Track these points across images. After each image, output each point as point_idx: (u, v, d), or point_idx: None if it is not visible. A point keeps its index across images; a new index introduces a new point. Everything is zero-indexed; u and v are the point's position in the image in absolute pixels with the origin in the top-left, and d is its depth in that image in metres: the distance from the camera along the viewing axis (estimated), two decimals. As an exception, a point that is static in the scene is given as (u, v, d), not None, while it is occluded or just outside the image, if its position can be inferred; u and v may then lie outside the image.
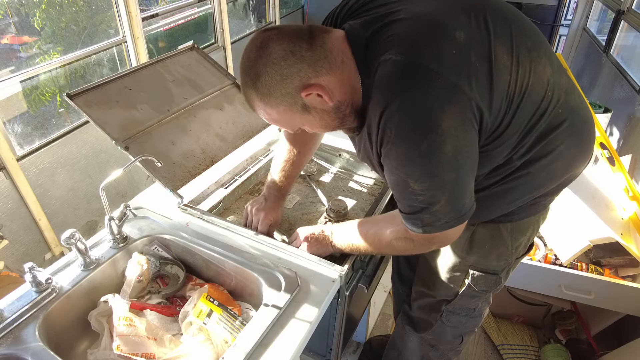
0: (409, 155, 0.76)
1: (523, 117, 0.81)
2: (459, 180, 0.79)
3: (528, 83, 0.80)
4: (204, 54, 1.59)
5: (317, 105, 0.82)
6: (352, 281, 1.11)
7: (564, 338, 1.90)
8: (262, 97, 0.81)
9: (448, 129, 0.73)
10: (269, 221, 1.17)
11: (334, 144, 1.56)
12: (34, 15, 2.11)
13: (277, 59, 0.77)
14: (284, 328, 0.89)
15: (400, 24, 0.79)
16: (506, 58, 0.78)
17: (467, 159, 0.79)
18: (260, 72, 0.78)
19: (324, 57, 0.78)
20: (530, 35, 0.84)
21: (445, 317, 1.20)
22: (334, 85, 0.80)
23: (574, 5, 4.30)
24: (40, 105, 2.17)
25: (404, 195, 0.83)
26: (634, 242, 1.58)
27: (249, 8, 3.99)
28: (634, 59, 2.70)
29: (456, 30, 0.76)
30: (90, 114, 1.21)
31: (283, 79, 0.78)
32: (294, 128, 0.91)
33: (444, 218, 0.82)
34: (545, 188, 0.94)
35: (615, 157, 1.79)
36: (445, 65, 0.74)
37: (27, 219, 2.00)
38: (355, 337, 1.81)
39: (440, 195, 0.79)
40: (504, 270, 1.08)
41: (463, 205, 0.82)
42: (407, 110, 0.73)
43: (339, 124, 0.88)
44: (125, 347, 0.88)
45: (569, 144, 0.88)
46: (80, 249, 0.98)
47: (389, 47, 0.77)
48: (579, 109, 0.90)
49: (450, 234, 0.87)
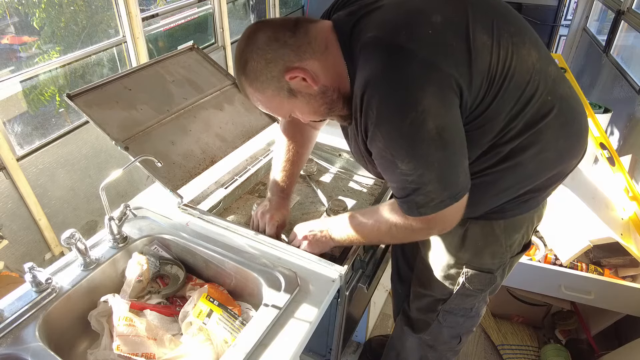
0: (392, 136, 0.77)
1: (507, 99, 0.81)
2: (448, 159, 0.79)
3: (510, 64, 0.80)
4: (204, 54, 1.59)
5: (303, 90, 0.85)
6: (352, 281, 1.11)
7: (564, 338, 1.90)
8: (251, 82, 0.86)
9: (429, 106, 0.73)
10: (276, 222, 1.16)
11: (334, 144, 1.56)
12: (34, 15, 2.11)
13: (262, 44, 0.82)
14: (283, 328, 0.89)
15: (382, 10, 0.82)
16: (486, 38, 0.79)
17: (455, 137, 0.79)
18: (248, 58, 0.83)
19: (306, 43, 0.82)
20: (512, 22, 0.84)
21: (441, 317, 1.20)
22: (318, 70, 0.83)
23: (574, 5, 4.30)
24: (40, 105, 2.17)
25: (394, 178, 0.83)
26: (634, 242, 1.58)
27: (249, 8, 3.99)
28: (634, 59, 2.70)
29: (433, 13, 0.78)
30: (90, 114, 1.21)
31: (267, 63, 0.82)
32: (285, 114, 0.93)
33: (438, 197, 0.81)
34: (535, 179, 0.93)
35: (615, 157, 1.79)
36: (422, 44, 0.75)
37: (27, 219, 2.00)
38: (355, 337, 1.81)
39: (429, 174, 0.79)
40: (499, 268, 1.07)
41: (456, 184, 0.82)
42: (386, 90, 0.75)
43: (327, 109, 0.89)
44: (125, 347, 0.88)
45: (559, 134, 0.88)
46: (80, 249, 0.98)
47: (370, 30, 0.80)
48: (569, 98, 0.89)
49: (449, 215, 0.86)
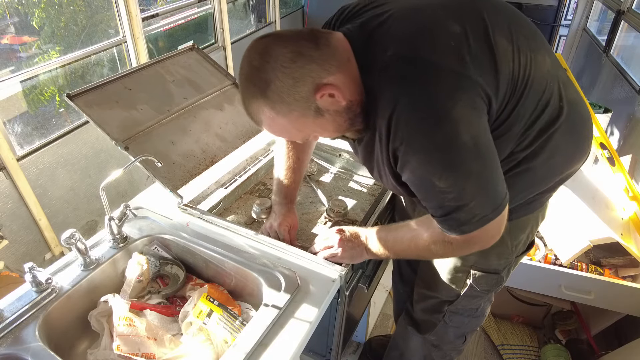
0: (427, 151, 0.73)
1: (527, 106, 0.79)
2: (487, 168, 0.75)
3: (530, 71, 0.78)
4: (204, 54, 1.59)
5: (330, 107, 0.78)
6: (352, 281, 1.11)
7: (564, 338, 1.90)
8: (274, 105, 0.76)
9: (460, 116, 0.70)
10: (287, 226, 1.14)
11: (334, 144, 1.56)
12: (33, 14, 2.11)
13: (286, 61, 0.72)
14: (283, 328, 0.89)
15: (396, 22, 0.79)
16: (506, 44, 0.77)
17: (489, 146, 0.75)
18: (270, 78, 0.73)
19: (331, 55, 0.75)
20: (525, 26, 0.83)
21: (448, 318, 1.20)
22: (344, 84, 0.77)
23: (574, 5, 4.30)
24: (39, 105, 2.17)
25: (431, 197, 0.79)
26: (634, 242, 1.58)
27: (249, 8, 3.99)
28: (634, 59, 2.70)
29: (451, 23, 0.75)
30: (91, 115, 1.21)
31: (296, 82, 0.73)
32: (305, 136, 0.86)
33: (481, 212, 0.77)
34: (544, 184, 0.93)
35: (615, 157, 1.79)
36: (446, 56, 0.72)
37: (27, 219, 2.00)
38: (355, 337, 1.81)
39: (469, 187, 0.74)
40: (505, 269, 1.08)
41: (497, 193, 0.77)
42: (415, 105, 0.71)
43: (349, 125, 0.83)
44: (125, 347, 0.88)
45: (568, 139, 0.88)
46: (80, 249, 0.98)
47: (388, 46, 0.76)
48: (577, 103, 0.89)
49: (491, 230, 0.81)
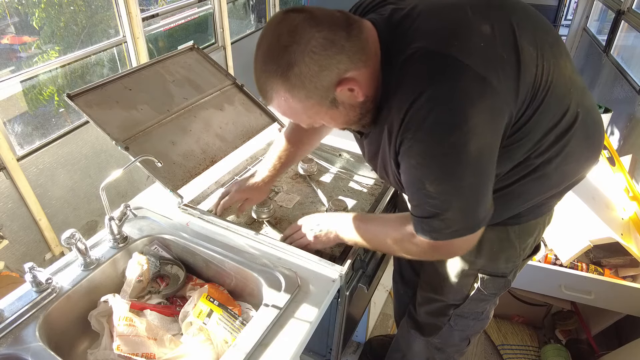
0: (431, 152, 0.72)
1: (547, 113, 0.78)
2: (478, 187, 0.75)
3: (552, 77, 0.77)
4: (204, 54, 1.59)
5: (346, 100, 0.76)
6: (352, 281, 1.11)
7: (564, 338, 1.90)
8: (291, 88, 0.73)
9: (475, 126, 0.69)
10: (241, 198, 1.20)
11: (334, 144, 1.56)
12: (33, 14, 2.11)
13: (317, 47, 0.69)
14: (283, 328, 0.89)
15: (424, 17, 0.76)
16: (532, 50, 0.76)
17: (490, 163, 0.75)
18: (295, 60, 0.70)
19: (361, 48, 0.73)
20: (549, 31, 0.82)
21: (453, 321, 1.19)
22: (365, 80, 0.75)
23: (574, 5, 4.31)
24: (39, 104, 2.17)
25: (416, 197, 0.80)
26: (634, 242, 1.58)
27: (249, 8, 3.99)
28: (634, 59, 2.70)
29: (481, 22, 0.74)
30: (91, 115, 1.21)
31: (321, 70, 0.70)
32: (311, 123, 0.84)
33: (454, 226, 0.78)
34: (556, 190, 0.93)
35: (615, 157, 1.79)
36: (475, 57, 0.70)
37: (27, 219, 2.00)
38: (355, 337, 1.81)
39: (454, 201, 0.75)
40: (512, 272, 1.08)
41: (476, 216, 0.78)
42: (437, 103, 0.70)
43: (358, 120, 0.82)
44: (125, 347, 0.88)
45: (582, 145, 0.87)
46: (80, 249, 0.98)
47: (415, 39, 0.74)
48: (592, 110, 0.88)
49: (460, 244, 0.83)
